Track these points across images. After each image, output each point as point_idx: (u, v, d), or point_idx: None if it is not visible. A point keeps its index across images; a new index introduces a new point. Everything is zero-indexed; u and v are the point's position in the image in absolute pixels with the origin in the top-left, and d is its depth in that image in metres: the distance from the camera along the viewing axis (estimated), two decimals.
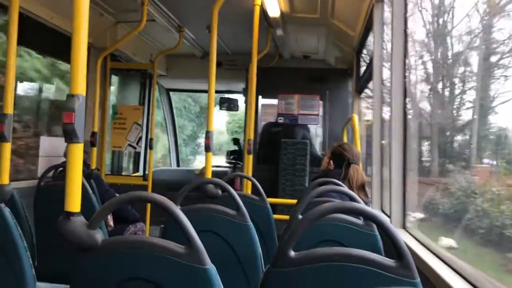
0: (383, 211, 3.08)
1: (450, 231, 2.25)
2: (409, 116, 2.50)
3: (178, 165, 6.78)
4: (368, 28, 3.65)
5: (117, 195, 3.11)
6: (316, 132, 5.53)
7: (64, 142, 1.26)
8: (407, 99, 2.46)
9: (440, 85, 2.76)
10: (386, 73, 3.08)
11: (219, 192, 2.47)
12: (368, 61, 3.84)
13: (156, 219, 4.70)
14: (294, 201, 3.03)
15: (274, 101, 5.46)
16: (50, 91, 4.40)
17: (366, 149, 4.35)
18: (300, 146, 5.09)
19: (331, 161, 2.93)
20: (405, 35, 2.44)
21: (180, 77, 6.18)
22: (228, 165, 6.29)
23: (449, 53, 2.64)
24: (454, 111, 2.56)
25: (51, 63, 4.33)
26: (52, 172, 3.34)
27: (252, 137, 3.57)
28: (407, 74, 2.48)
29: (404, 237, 2.17)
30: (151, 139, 4.81)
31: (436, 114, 2.85)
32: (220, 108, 6.32)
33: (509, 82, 2.00)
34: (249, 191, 3.34)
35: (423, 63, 2.91)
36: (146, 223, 4.56)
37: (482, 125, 2.20)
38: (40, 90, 4.25)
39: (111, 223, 3.61)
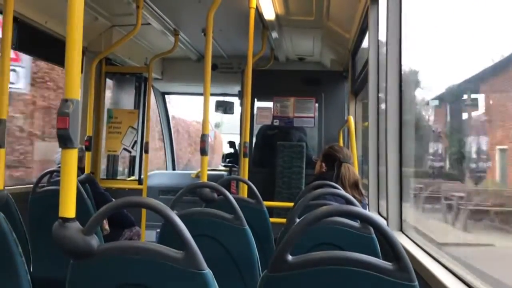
0: (379, 214, 3.08)
1: None
2: None
3: (174, 168, 6.76)
4: (363, 30, 3.65)
5: (113, 199, 3.10)
6: (312, 134, 5.52)
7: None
8: None
9: None
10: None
11: (215, 196, 2.46)
12: (363, 63, 3.84)
13: (152, 224, 4.68)
14: (291, 204, 3.02)
15: (270, 104, 5.45)
16: None
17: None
18: (296, 148, 5.08)
19: (323, 164, 2.96)
20: (400, 36, 2.45)
21: (176, 80, 6.17)
22: (224, 168, 6.28)
23: None
24: None
25: None
26: (47, 177, 3.32)
27: (248, 140, 3.57)
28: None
29: (401, 240, 2.17)
30: (146, 142, 4.80)
31: None
32: (216, 111, 6.32)
33: None
34: (246, 195, 3.34)
35: None
36: (142, 227, 4.54)
37: None
38: None
39: (107, 226, 3.60)
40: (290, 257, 1.11)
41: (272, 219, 2.69)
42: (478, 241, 2.12)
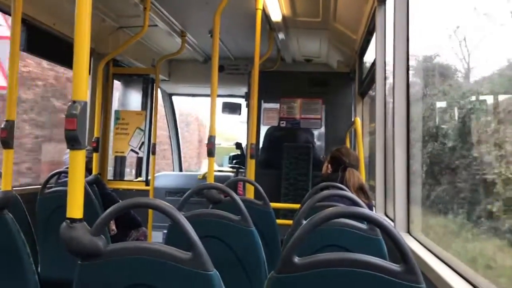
0: (387, 216, 3.06)
1: None
2: None
3: (180, 170, 6.78)
4: (370, 31, 3.64)
5: (120, 200, 3.11)
6: (318, 136, 5.51)
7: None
8: None
9: None
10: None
11: (222, 197, 2.46)
12: (370, 64, 3.83)
13: (158, 224, 4.70)
14: (297, 205, 3.02)
15: (276, 105, 5.45)
16: None
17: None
18: (302, 150, 5.07)
19: (330, 165, 2.95)
20: (407, 37, 2.44)
21: (183, 81, 6.19)
22: (230, 169, 6.28)
23: None
24: None
25: None
26: (55, 178, 3.34)
27: (254, 141, 3.56)
28: None
29: (408, 242, 2.16)
30: (153, 144, 4.82)
31: None
32: (222, 112, 6.32)
33: None
34: (252, 196, 3.34)
35: None
36: (148, 228, 4.55)
37: None
38: None
39: (114, 227, 3.62)
40: (297, 259, 1.11)
41: (278, 221, 2.69)
42: None
